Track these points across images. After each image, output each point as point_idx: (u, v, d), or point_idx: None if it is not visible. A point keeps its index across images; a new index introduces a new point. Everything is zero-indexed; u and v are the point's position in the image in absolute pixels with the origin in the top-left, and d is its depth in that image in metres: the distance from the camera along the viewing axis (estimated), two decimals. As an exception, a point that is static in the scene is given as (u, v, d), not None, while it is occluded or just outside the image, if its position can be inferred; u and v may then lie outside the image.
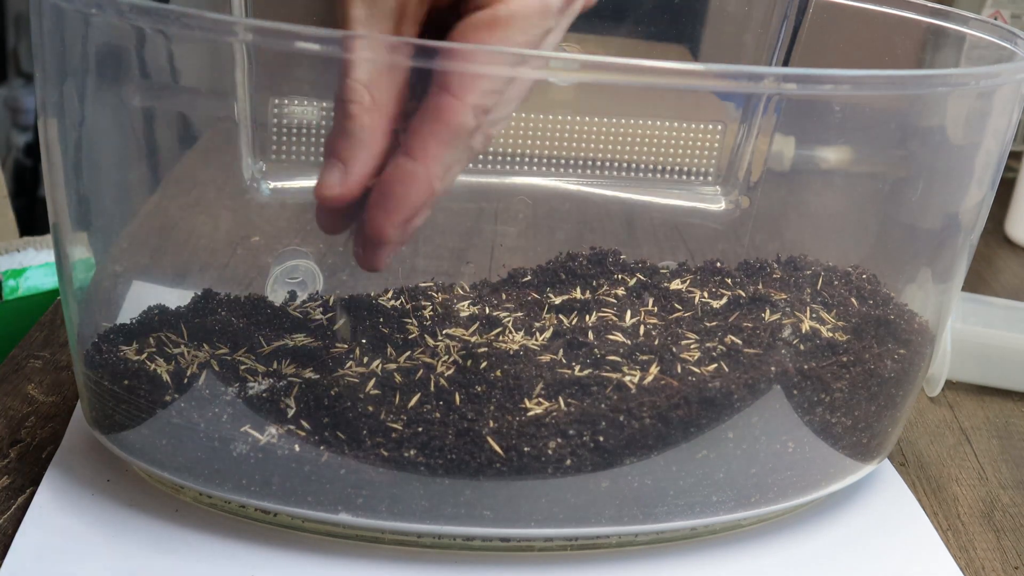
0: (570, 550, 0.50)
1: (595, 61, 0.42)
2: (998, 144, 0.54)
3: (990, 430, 0.65)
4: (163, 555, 0.48)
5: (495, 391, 0.49)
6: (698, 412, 0.49)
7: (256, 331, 0.54)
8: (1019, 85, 0.51)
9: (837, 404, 0.52)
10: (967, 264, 0.56)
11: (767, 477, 0.51)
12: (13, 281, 0.86)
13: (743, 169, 0.71)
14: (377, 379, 0.49)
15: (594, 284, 0.60)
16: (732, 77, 0.46)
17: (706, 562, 0.51)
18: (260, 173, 0.67)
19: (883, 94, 0.49)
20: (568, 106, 0.71)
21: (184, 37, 0.48)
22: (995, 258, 0.95)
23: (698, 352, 0.52)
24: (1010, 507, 0.58)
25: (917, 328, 0.56)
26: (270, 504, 0.48)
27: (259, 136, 0.67)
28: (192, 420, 0.48)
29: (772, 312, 0.55)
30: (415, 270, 0.63)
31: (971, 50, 0.58)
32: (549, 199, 0.71)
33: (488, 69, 0.42)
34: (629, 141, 0.71)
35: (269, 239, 0.63)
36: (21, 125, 2.06)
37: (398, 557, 0.49)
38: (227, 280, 0.59)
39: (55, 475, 0.52)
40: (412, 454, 0.47)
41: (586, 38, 0.72)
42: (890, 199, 0.57)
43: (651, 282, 0.60)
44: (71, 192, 0.52)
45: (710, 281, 0.59)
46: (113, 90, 0.52)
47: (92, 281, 0.54)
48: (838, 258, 0.60)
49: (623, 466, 0.48)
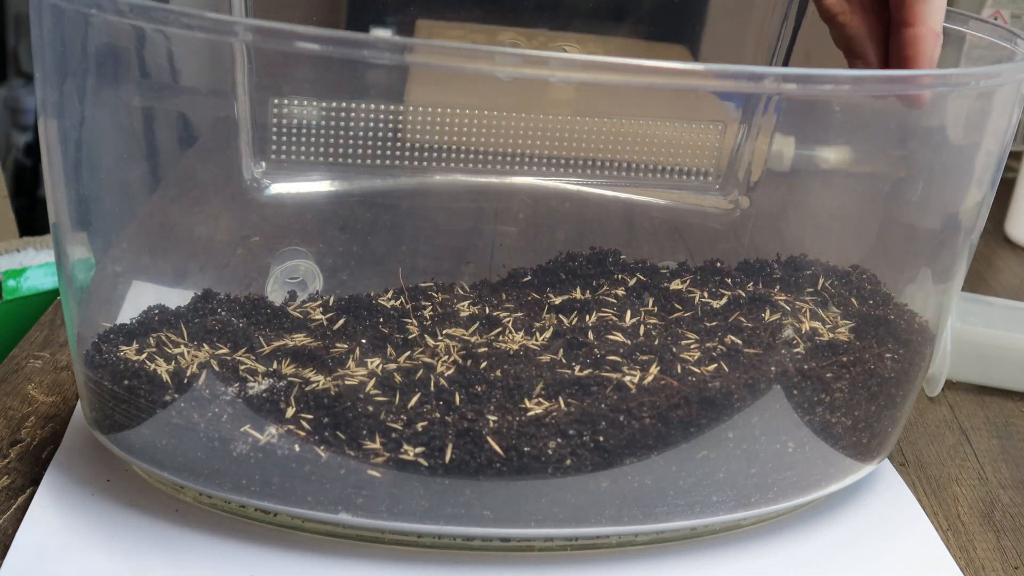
0: (570, 550, 0.50)
1: (595, 61, 0.42)
2: (998, 144, 0.54)
3: (990, 430, 0.65)
4: (163, 555, 0.48)
5: (495, 391, 0.49)
6: (698, 412, 0.49)
7: (256, 331, 0.54)
8: (1019, 85, 0.51)
9: (837, 404, 0.52)
10: (967, 264, 0.56)
11: (767, 477, 0.51)
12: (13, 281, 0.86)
13: (743, 169, 0.71)
14: (377, 379, 0.49)
15: (594, 284, 0.60)
16: (732, 77, 0.46)
17: (706, 562, 0.51)
18: (260, 173, 0.67)
19: (883, 94, 0.49)
20: (568, 106, 0.71)
21: (184, 37, 0.48)
22: (995, 258, 0.95)
23: (698, 352, 0.52)
24: (1010, 507, 0.58)
25: (917, 328, 0.56)
26: (270, 504, 0.48)
27: (259, 136, 0.67)
28: (192, 420, 0.48)
29: (772, 312, 0.55)
30: (415, 270, 0.63)
31: (971, 50, 0.58)
32: (549, 199, 0.71)
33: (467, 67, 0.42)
34: (629, 141, 0.71)
35: (269, 239, 0.63)
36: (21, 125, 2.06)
37: (398, 557, 0.49)
38: (227, 280, 0.59)
39: (55, 475, 0.52)
40: (412, 454, 0.47)
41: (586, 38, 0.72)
42: (890, 199, 0.57)
43: (651, 282, 0.60)
44: (71, 192, 0.52)
45: (710, 281, 0.59)
46: (113, 90, 0.52)
47: (92, 281, 0.54)
48: (838, 258, 0.60)
49: (623, 466, 0.48)
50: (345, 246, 0.65)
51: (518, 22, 0.71)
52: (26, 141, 2.03)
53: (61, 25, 0.48)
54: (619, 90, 0.72)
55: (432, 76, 0.68)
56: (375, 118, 0.69)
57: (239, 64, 0.63)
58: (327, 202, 0.70)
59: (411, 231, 0.68)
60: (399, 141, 0.69)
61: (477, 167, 0.70)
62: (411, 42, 0.42)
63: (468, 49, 0.43)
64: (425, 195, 0.71)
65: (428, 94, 0.70)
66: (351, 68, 0.63)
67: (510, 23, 0.72)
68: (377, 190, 0.70)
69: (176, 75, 0.52)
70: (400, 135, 0.70)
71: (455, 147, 0.70)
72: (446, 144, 0.70)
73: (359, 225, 0.67)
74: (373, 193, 0.69)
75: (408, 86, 0.71)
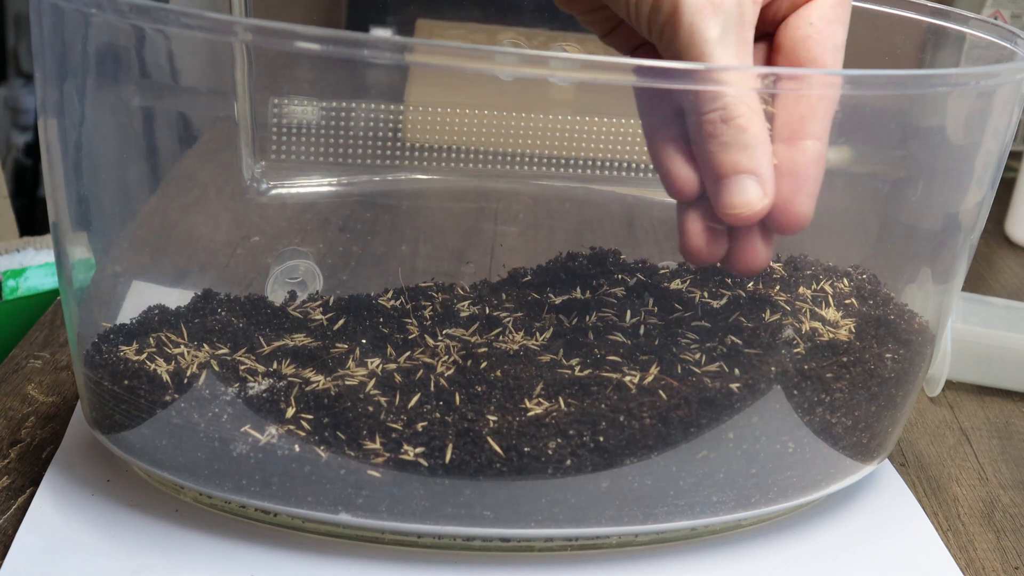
0: (570, 550, 0.50)
1: (595, 61, 0.42)
2: (998, 144, 0.54)
3: (990, 430, 0.65)
4: (163, 555, 0.48)
5: (495, 391, 0.49)
6: (698, 412, 0.49)
7: (256, 331, 0.54)
8: (1019, 85, 0.51)
9: (837, 404, 0.52)
10: (967, 264, 0.56)
11: (767, 477, 0.51)
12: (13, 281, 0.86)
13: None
14: (377, 379, 0.49)
15: (594, 284, 0.60)
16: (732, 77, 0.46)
17: (706, 562, 0.51)
18: (260, 173, 0.67)
19: (883, 94, 0.49)
20: (568, 106, 0.71)
21: (184, 37, 0.48)
22: (995, 258, 0.95)
23: (698, 352, 0.52)
24: (1010, 507, 0.58)
25: (917, 328, 0.56)
26: (270, 504, 0.48)
27: (259, 136, 0.67)
28: (192, 420, 0.48)
29: (772, 312, 0.55)
30: (415, 270, 0.63)
31: (971, 50, 0.58)
32: (549, 199, 0.71)
33: (468, 67, 0.42)
34: (629, 141, 0.71)
35: (269, 239, 0.63)
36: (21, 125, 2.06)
37: (398, 557, 0.49)
38: (227, 280, 0.59)
39: (55, 475, 0.52)
40: (412, 454, 0.47)
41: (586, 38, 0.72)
42: (890, 199, 0.57)
43: (651, 282, 0.60)
44: (71, 192, 0.52)
45: (710, 281, 0.59)
46: (113, 90, 0.52)
47: (92, 281, 0.54)
48: (838, 258, 0.60)
49: (623, 466, 0.48)
50: (345, 246, 0.65)
51: (518, 22, 0.71)
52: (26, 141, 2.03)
53: (61, 25, 0.48)
54: (619, 90, 0.72)
55: (432, 76, 0.68)
56: (375, 118, 0.69)
57: (239, 64, 0.63)
58: (327, 202, 0.70)
59: (411, 231, 0.68)
60: (399, 141, 0.69)
61: (477, 167, 0.70)
62: (411, 42, 0.42)
63: (468, 49, 0.43)
64: (425, 195, 0.71)
65: (428, 94, 0.70)
66: (351, 68, 0.63)
67: (510, 23, 0.72)
68: (377, 190, 0.70)
69: (176, 75, 0.52)
70: (400, 135, 0.70)
71: (455, 147, 0.70)
72: (446, 144, 0.70)
73: (359, 225, 0.67)
74: (373, 193, 0.69)
75: (408, 86, 0.71)
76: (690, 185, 0.45)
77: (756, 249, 0.46)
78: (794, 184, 0.45)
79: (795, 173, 0.45)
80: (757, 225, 0.45)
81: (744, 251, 0.46)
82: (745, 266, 0.47)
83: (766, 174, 0.44)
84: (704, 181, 0.45)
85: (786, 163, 0.45)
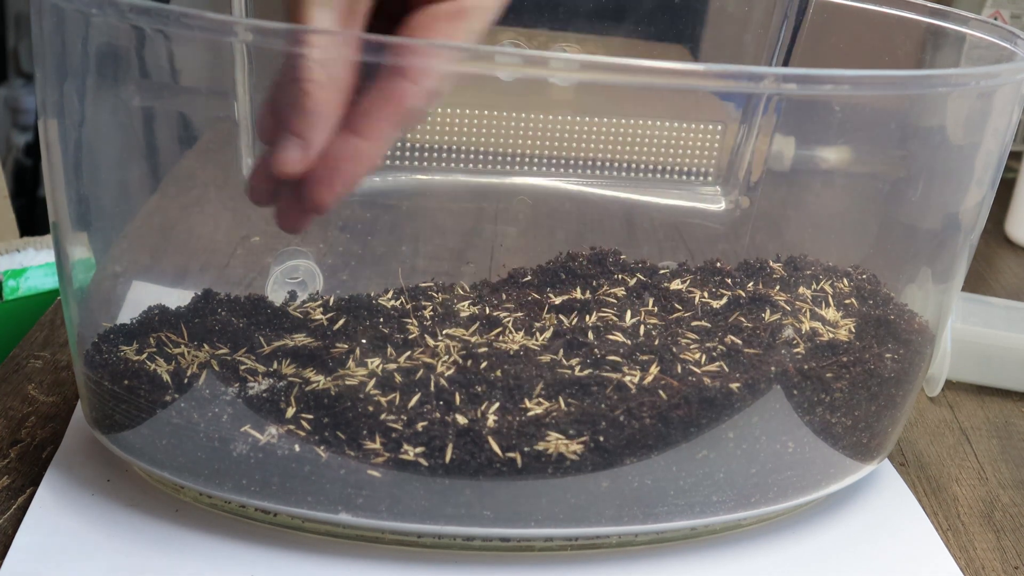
0: (570, 550, 0.50)
1: (595, 61, 0.42)
2: (998, 144, 0.54)
3: (990, 430, 0.65)
4: (163, 555, 0.48)
5: (495, 391, 0.49)
6: (698, 412, 0.49)
7: (256, 331, 0.54)
8: (1019, 85, 0.51)
9: (837, 404, 0.52)
10: (967, 264, 0.56)
11: (767, 477, 0.51)
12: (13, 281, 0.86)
13: (743, 169, 0.71)
14: (377, 379, 0.49)
15: (594, 284, 0.60)
16: (732, 77, 0.46)
17: (706, 562, 0.51)
18: (260, 173, 0.67)
19: (883, 94, 0.49)
20: (568, 106, 0.71)
21: (184, 37, 0.48)
22: (995, 258, 0.95)
23: (698, 352, 0.52)
24: (1010, 507, 0.58)
25: (917, 328, 0.56)
26: (270, 504, 0.48)
27: (259, 136, 0.67)
28: (192, 420, 0.48)
29: (772, 312, 0.55)
30: (415, 270, 0.63)
31: (971, 50, 0.58)
32: (549, 199, 0.71)
33: (467, 68, 0.43)
34: (629, 141, 0.71)
35: (269, 239, 0.63)
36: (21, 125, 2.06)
37: (398, 557, 0.49)
38: (227, 280, 0.59)
39: (55, 475, 0.52)
40: (412, 454, 0.47)
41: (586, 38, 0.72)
42: (890, 199, 0.57)
43: (651, 282, 0.60)
44: (71, 192, 0.52)
45: (710, 281, 0.59)
46: (113, 90, 0.52)
47: (92, 281, 0.54)
48: (838, 258, 0.60)
49: (623, 466, 0.48)
50: (345, 246, 0.65)
51: (518, 22, 0.71)
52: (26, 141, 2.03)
53: (61, 25, 0.48)
54: (619, 90, 0.72)
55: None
56: (375, 118, 0.69)
57: (239, 64, 0.63)
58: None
59: (411, 231, 0.68)
60: (399, 141, 0.69)
61: (477, 167, 0.70)
62: (411, 42, 0.42)
63: (468, 49, 0.43)
64: (425, 195, 0.71)
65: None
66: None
67: (510, 23, 0.72)
68: (377, 190, 0.70)
69: (176, 75, 0.52)
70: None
71: (455, 147, 0.70)
72: (446, 144, 0.70)
73: (359, 225, 0.67)
74: (373, 193, 0.69)
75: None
76: (269, 131, 0.46)
77: (286, 211, 0.47)
78: (325, 171, 0.44)
79: (330, 162, 0.44)
80: (296, 191, 0.46)
81: (280, 208, 0.47)
82: (277, 220, 0.47)
83: (313, 143, 0.44)
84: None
85: (332, 149, 0.44)
